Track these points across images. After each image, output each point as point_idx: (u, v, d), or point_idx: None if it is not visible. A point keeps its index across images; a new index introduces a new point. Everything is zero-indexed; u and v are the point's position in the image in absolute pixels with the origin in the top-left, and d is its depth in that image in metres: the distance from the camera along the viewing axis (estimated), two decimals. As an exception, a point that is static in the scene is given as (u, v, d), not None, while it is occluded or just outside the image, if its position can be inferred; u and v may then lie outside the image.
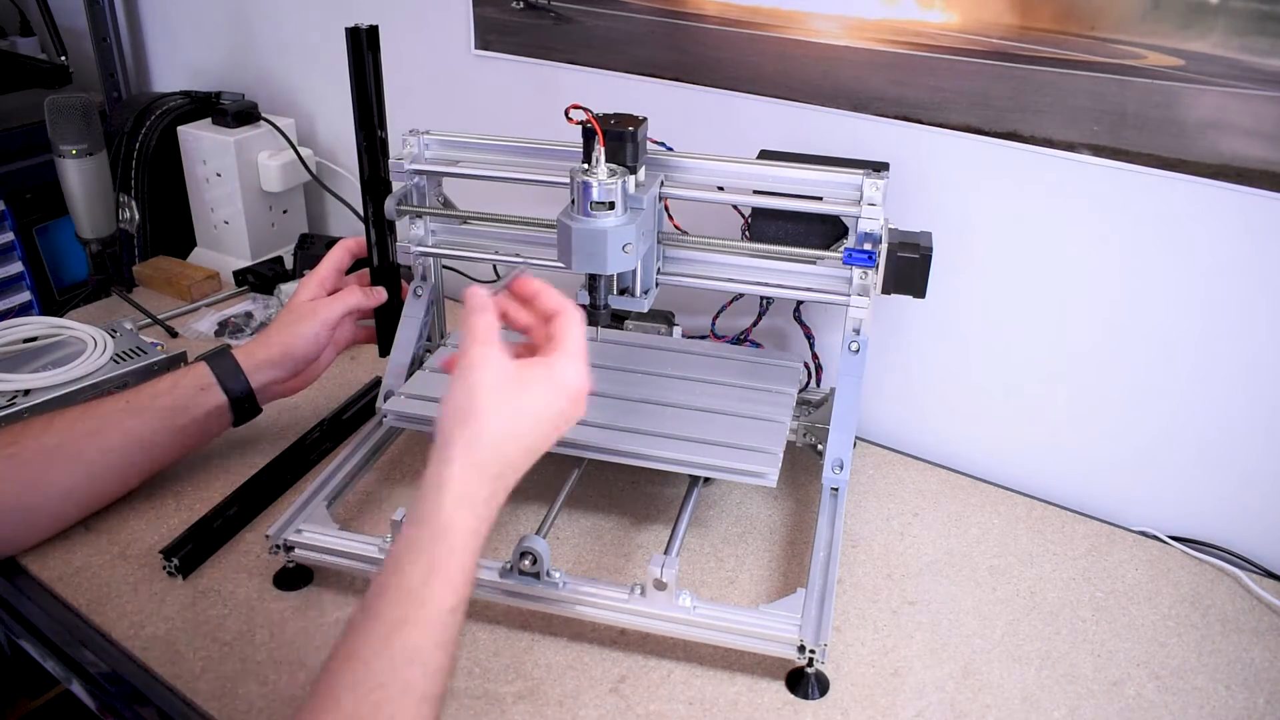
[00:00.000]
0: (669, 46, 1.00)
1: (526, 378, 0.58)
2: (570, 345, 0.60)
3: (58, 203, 1.20)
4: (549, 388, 0.59)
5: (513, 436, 0.57)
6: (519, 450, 0.58)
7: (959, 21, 0.85)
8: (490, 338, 0.58)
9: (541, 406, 0.58)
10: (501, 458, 0.57)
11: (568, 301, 0.63)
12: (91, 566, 0.79)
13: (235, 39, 1.38)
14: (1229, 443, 0.86)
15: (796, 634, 0.68)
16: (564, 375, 0.59)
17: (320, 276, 0.91)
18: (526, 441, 0.58)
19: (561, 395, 0.59)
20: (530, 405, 0.58)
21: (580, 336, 0.61)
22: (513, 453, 0.58)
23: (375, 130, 0.86)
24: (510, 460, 0.57)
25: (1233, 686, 0.72)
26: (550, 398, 0.59)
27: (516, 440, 0.57)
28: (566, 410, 0.60)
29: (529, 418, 0.58)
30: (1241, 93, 0.75)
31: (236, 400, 0.84)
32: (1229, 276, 0.81)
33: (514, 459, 0.58)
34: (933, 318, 0.96)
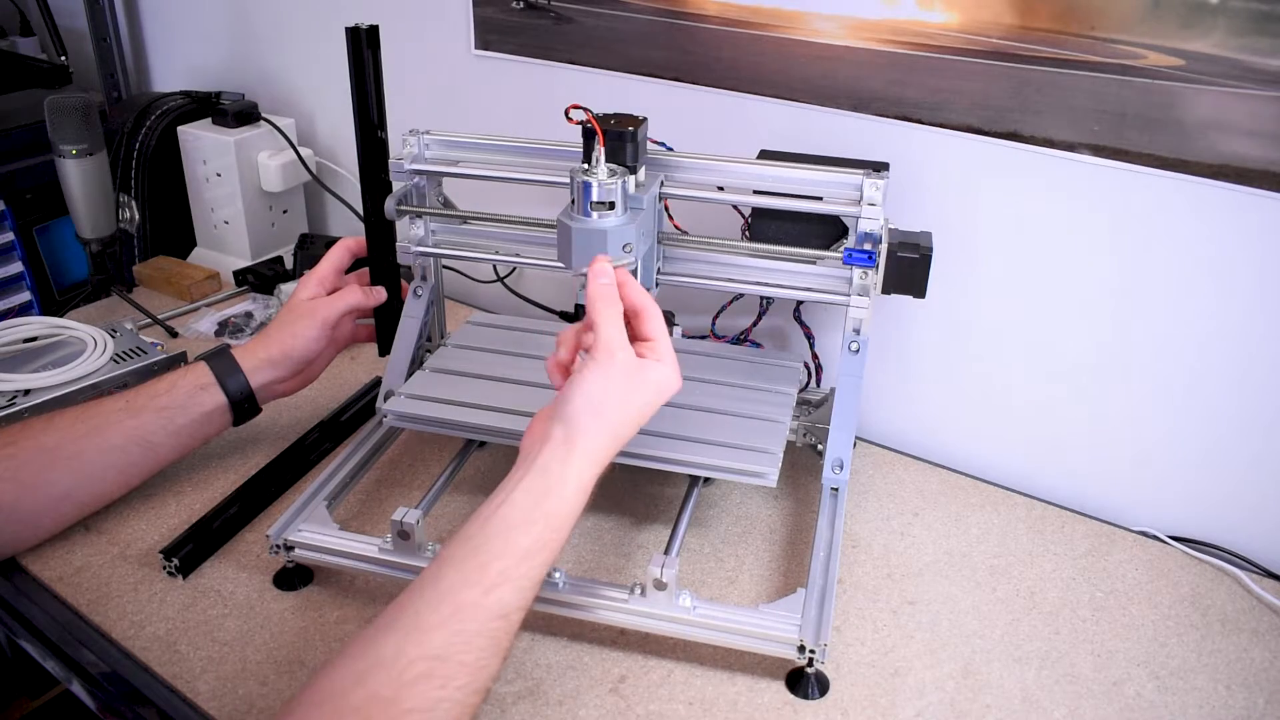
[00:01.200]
0: (669, 46, 1.00)
1: (642, 381, 0.65)
2: (668, 350, 0.66)
3: (58, 203, 1.20)
4: (654, 391, 0.65)
5: (624, 429, 0.64)
6: (626, 439, 0.65)
7: (959, 21, 0.85)
8: (623, 334, 0.65)
9: (646, 406, 0.65)
10: (612, 448, 0.64)
11: (649, 297, 0.68)
12: (91, 566, 0.79)
13: (235, 39, 1.38)
14: (1229, 443, 0.86)
15: (796, 634, 0.68)
16: (664, 380, 0.66)
17: (320, 276, 0.91)
18: (628, 433, 0.65)
19: (658, 395, 0.66)
20: (639, 403, 0.65)
21: (668, 338, 0.67)
22: (621, 441, 0.64)
23: (375, 130, 0.86)
24: (618, 447, 0.64)
25: (1233, 686, 0.72)
26: (653, 399, 0.65)
27: (624, 431, 0.64)
28: (657, 405, 0.66)
29: (636, 414, 0.65)
30: (1241, 93, 0.75)
31: (236, 400, 0.84)
32: (1229, 276, 0.81)
33: (621, 445, 0.65)
34: (933, 318, 0.96)
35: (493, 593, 0.57)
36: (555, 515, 0.60)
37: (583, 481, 0.62)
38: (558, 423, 0.63)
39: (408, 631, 0.55)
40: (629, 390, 0.64)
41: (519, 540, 0.59)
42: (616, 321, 0.65)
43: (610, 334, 0.64)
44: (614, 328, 0.65)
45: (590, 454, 0.62)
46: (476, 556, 0.58)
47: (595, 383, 0.63)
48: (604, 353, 0.63)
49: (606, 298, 0.66)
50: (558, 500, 0.60)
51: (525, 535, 0.59)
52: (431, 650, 0.54)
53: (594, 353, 0.64)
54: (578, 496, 0.61)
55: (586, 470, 0.62)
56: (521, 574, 0.58)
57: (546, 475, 0.61)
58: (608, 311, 0.65)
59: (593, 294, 0.66)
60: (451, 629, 0.55)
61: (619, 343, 0.64)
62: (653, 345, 0.66)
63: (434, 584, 0.57)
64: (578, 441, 0.62)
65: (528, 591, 0.58)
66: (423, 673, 0.53)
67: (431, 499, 0.80)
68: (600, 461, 0.63)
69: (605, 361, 0.63)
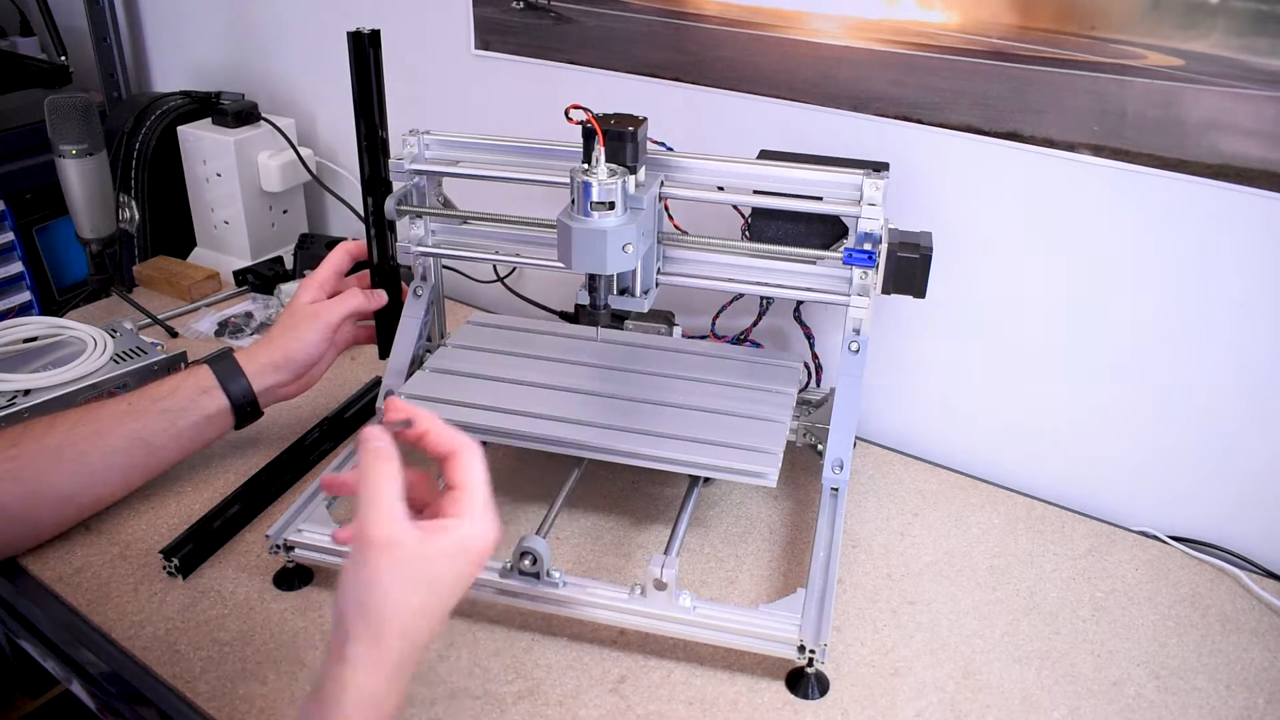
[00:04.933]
0: (669, 46, 1.00)
1: (431, 553, 0.53)
2: (475, 503, 0.55)
3: (58, 203, 1.20)
4: (456, 558, 0.54)
5: (418, 618, 0.52)
6: (424, 629, 0.53)
7: (959, 21, 0.85)
8: (391, 508, 0.53)
9: (448, 578, 0.54)
10: (407, 644, 0.52)
11: (461, 437, 0.57)
12: (91, 566, 0.79)
13: (235, 39, 1.38)
14: (1229, 443, 0.86)
15: (796, 634, 0.68)
16: (472, 540, 0.54)
17: (320, 279, 0.91)
18: (431, 619, 0.54)
19: (468, 561, 0.54)
20: (436, 578, 0.53)
21: (481, 483, 0.56)
22: (418, 633, 0.53)
23: (375, 130, 0.86)
24: (416, 642, 0.53)
25: (1233, 686, 0.72)
26: (457, 567, 0.54)
27: (422, 620, 0.53)
28: (470, 573, 0.55)
29: (435, 593, 0.53)
30: (1241, 93, 0.75)
31: (238, 403, 0.84)
32: (1228, 276, 0.81)
33: (419, 638, 0.53)
34: (933, 318, 0.96)
35: None
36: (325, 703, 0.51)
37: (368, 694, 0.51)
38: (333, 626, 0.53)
39: None
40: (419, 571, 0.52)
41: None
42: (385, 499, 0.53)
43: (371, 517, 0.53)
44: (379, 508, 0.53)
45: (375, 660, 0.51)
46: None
47: (362, 580, 0.51)
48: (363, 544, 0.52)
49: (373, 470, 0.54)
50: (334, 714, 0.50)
51: None
52: None
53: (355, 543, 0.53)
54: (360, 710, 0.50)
55: (373, 679, 0.51)
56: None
57: (320, 691, 0.51)
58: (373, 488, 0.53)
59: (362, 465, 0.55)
60: None
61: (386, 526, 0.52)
62: (457, 496, 0.55)
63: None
64: (348, 648, 0.51)
65: None
66: None
67: (431, 499, 0.80)
68: (389, 659, 0.51)
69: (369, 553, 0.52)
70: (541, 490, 0.90)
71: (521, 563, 0.71)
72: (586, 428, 0.80)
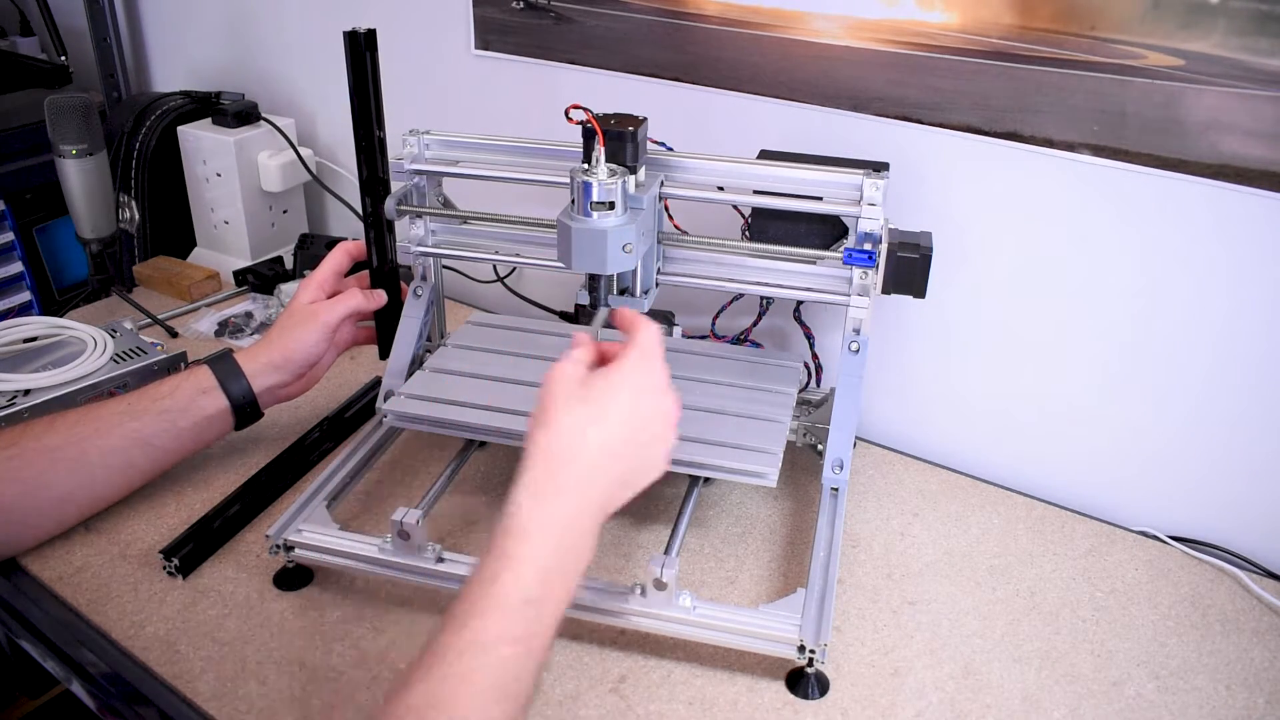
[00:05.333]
0: (669, 46, 1.00)
1: (596, 378, 0.59)
2: (637, 348, 0.61)
3: (58, 203, 1.20)
4: (620, 386, 0.59)
5: (588, 431, 0.57)
6: (599, 448, 0.58)
7: (959, 21, 0.85)
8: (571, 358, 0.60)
9: (612, 410, 0.59)
10: (577, 452, 0.57)
11: (642, 317, 0.64)
12: (91, 566, 0.79)
13: (235, 39, 1.38)
14: (1229, 442, 0.86)
15: (796, 634, 0.68)
16: (633, 374, 0.60)
17: (319, 279, 0.90)
18: (604, 438, 0.58)
19: (630, 396, 0.59)
20: (601, 400, 0.58)
21: (649, 340, 0.62)
22: (592, 450, 0.57)
23: (374, 131, 0.86)
24: (591, 459, 0.57)
25: (1233, 686, 0.72)
26: (621, 401, 0.59)
27: (593, 436, 0.58)
28: (645, 411, 0.60)
29: (600, 422, 0.58)
30: (1241, 93, 0.75)
31: (238, 404, 0.84)
32: (1228, 276, 0.81)
33: (595, 457, 0.58)
34: (933, 318, 0.96)
35: (466, 628, 0.52)
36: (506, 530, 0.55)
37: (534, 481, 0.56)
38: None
39: (394, 687, 0.51)
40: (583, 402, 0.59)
41: (484, 556, 0.55)
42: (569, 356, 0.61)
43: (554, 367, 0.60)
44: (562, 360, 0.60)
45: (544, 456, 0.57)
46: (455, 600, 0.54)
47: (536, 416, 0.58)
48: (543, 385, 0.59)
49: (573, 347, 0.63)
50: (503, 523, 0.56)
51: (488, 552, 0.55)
52: (416, 701, 0.50)
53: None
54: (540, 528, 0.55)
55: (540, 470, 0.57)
56: (491, 598, 0.53)
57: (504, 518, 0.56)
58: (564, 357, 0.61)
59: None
60: (432, 677, 0.50)
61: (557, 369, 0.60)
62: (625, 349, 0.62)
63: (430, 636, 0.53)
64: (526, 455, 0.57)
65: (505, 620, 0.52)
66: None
67: (432, 499, 0.80)
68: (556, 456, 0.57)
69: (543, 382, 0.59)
70: (541, 490, 0.90)
71: (521, 563, 0.71)
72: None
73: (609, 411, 0.59)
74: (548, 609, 0.54)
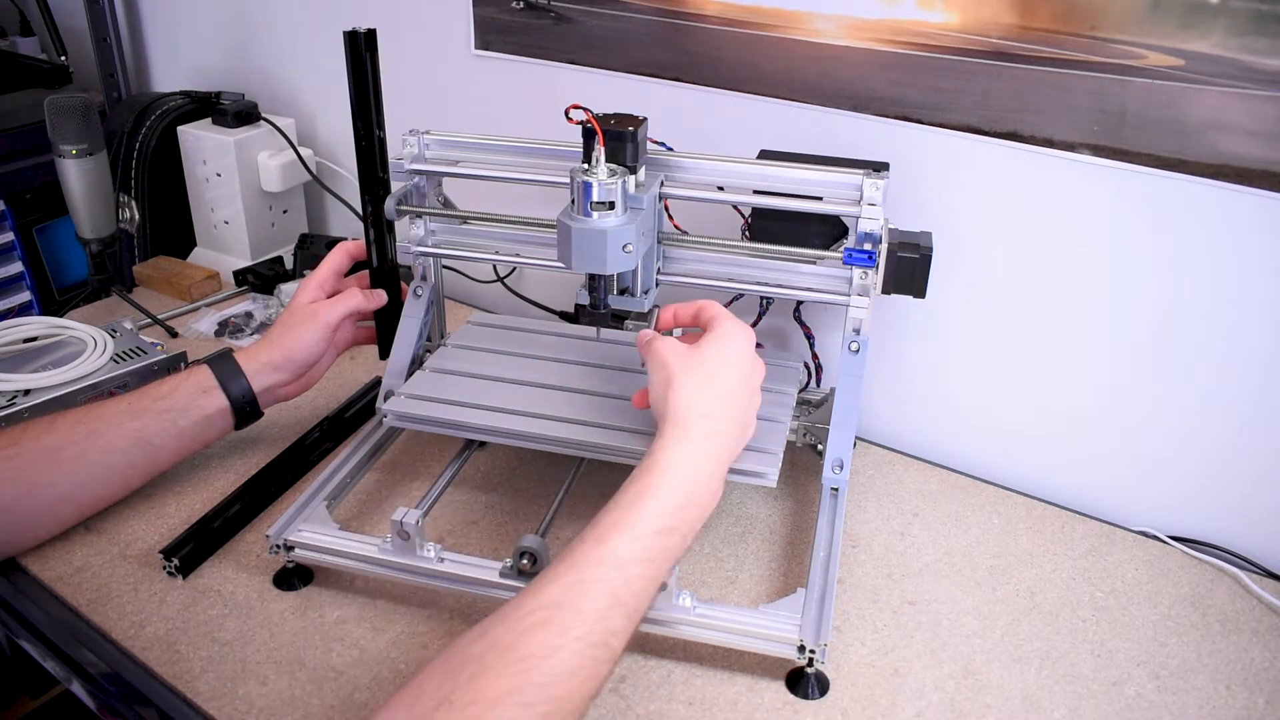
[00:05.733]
0: (669, 46, 1.00)
1: (705, 346, 0.69)
2: (722, 318, 0.71)
3: (58, 203, 1.20)
4: (722, 351, 0.69)
5: (712, 401, 0.67)
6: (720, 404, 0.67)
7: (959, 21, 0.85)
8: (666, 340, 0.71)
9: (722, 367, 0.68)
10: (705, 409, 0.66)
11: (698, 301, 0.75)
12: (91, 566, 0.79)
13: (235, 39, 1.38)
14: (1229, 443, 0.86)
15: (796, 634, 0.68)
16: (734, 340, 0.70)
17: (319, 279, 0.91)
18: (726, 402, 0.68)
19: (733, 352, 0.69)
20: (713, 368, 0.68)
21: (721, 312, 0.72)
22: (714, 405, 0.67)
23: (373, 131, 0.86)
24: (715, 412, 0.66)
25: (1233, 686, 0.72)
26: (726, 358, 0.69)
27: (717, 404, 0.67)
28: (747, 371, 0.70)
29: (718, 379, 0.68)
30: (1241, 93, 0.75)
31: (238, 404, 0.84)
32: (1228, 276, 0.81)
33: (718, 411, 0.67)
34: (933, 318, 0.96)
35: (604, 543, 0.59)
36: (650, 468, 0.63)
37: (673, 429, 0.65)
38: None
39: (530, 587, 0.57)
40: (697, 367, 0.68)
41: (627, 487, 0.62)
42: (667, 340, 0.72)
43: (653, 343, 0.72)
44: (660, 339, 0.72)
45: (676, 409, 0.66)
46: (593, 524, 0.61)
47: (655, 378, 0.70)
48: (651, 355, 0.71)
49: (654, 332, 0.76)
50: (646, 461, 0.64)
51: (632, 483, 0.63)
52: (547, 599, 0.56)
53: (651, 358, 0.71)
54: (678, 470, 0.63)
55: (678, 421, 0.66)
56: (631, 521, 0.60)
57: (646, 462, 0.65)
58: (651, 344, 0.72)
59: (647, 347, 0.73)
60: (566, 579, 0.57)
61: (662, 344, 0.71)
62: (711, 322, 0.72)
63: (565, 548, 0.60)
64: (664, 432, 0.66)
65: (640, 542, 0.60)
66: (540, 620, 0.54)
67: (432, 499, 0.80)
68: (688, 407, 0.66)
69: (655, 362, 0.70)
70: (541, 490, 0.90)
71: (521, 562, 0.71)
72: (586, 428, 0.80)
73: (724, 373, 0.68)
74: (675, 540, 0.62)
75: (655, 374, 0.69)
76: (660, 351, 0.70)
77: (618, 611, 0.57)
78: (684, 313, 0.76)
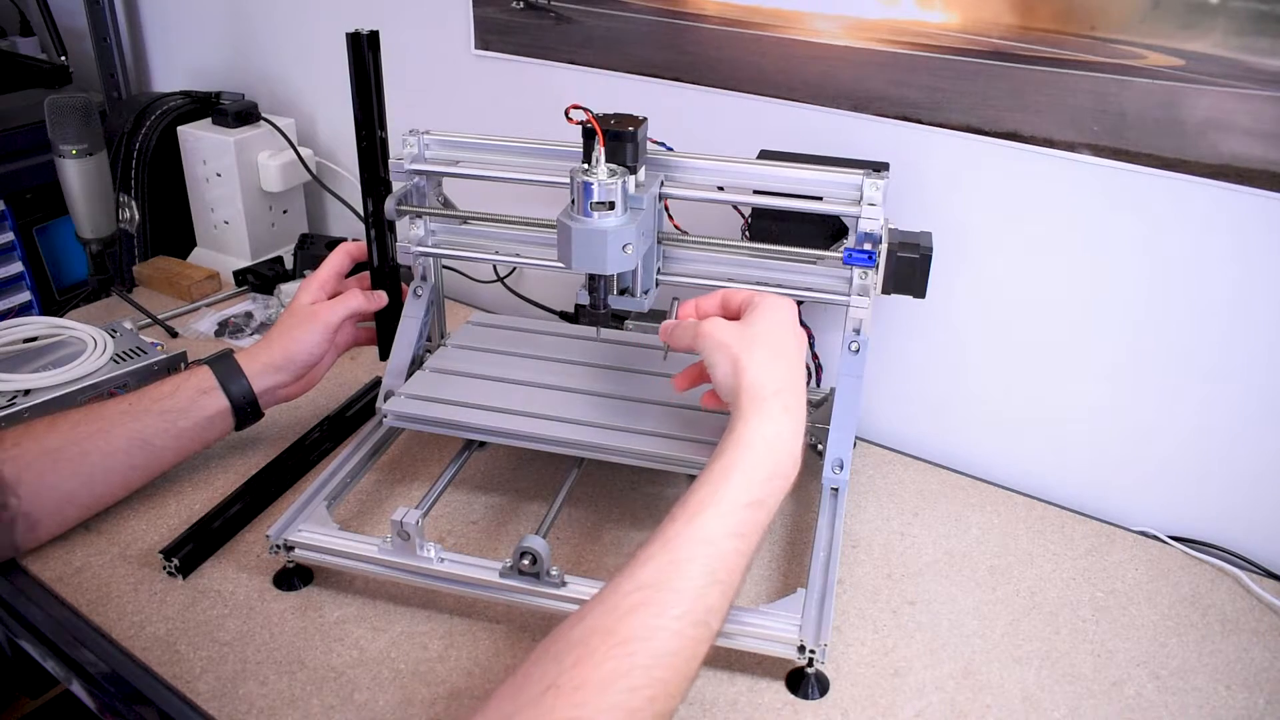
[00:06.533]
0: (669, 46, 1.00)
1: (754, 322, 0.70)
2: (759, 295, 0.72)
3: (58, 203, 1.20)
4: (771, 322, 0.69)
5: (773, 362, 0.67)
6: (788, 371, 0.68)
7: (959, 21, 0.85)
8: (714, 321, 0.71)
9: (777, 337, 0.69)
10: (776, 382, 0.67)
11: (722, 291, 0.75)
12: (91, 566, 0.79)
13: (235, 39, 1.38)
14: (1229, 443, 0.86)
15: (796, 634, 0.68)
16: (770, 309, 0.70)
17: (320, 280, 0.91)
18: (787, 364, 0.68)
19: (780, 320, 0.70)
20: (771, 341, 0.69)
21: (746, 290, 0.73)
22: (782, 375, 0.67)
23: (375, 131, 0.86)
24: (783, 384, 0.67)
25: (1233, 686, 0.72)
26: (776, 327, 0.69)
27: (784, 376, 0.67)
28: (786, 328, 0.70)
29: (777, 351, 0.68)
30: (1241, 93, 0.75)
31: (239, 404, 0.84)
32: (1228, 276, 0.81)
33: (785, 382, 0.67)
34: (933, 318, 0.96)
35: (695, 520, 0.59)
36: (734, 444, 0.64)
37: (752, 400, 0.65)
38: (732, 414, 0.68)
39: (625, 570, 0.57)
40: (755, 344, 0.68)
41: (712, 466, 0.63)
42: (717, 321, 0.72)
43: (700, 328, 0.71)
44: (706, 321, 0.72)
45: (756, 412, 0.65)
46: (682, 503, 0.61)
47: (717, 359, 0.69)
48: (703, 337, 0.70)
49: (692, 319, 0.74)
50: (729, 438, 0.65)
51: (716, 461, 0.63)
52: (644, 580, 0.56)
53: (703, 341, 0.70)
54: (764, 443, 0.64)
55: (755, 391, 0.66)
56: (720, 497, 0.60)
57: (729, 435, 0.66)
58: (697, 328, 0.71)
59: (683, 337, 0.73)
60: (660, 559, 0.57)
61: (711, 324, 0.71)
62: (745, 307, 0.72)
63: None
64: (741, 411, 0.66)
65: (731, 517, 0.60)
66: (638, 602, 0.55)
67: (432, 499, 0.80)
68: (774, 411, 0.65)
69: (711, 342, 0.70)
70: (541, 490, 0.90)
71: (521, 562, 0.71)
72: (586, 428, 0.80)
73: (785, 346, 0.69)
74: (763, 513, 0.62)
75: (715, 355, 0.69)
76: (715, 334, 0.69)
77: (714, 589, 0.57)
78: (707, 303, 0.75)
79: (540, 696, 0.51)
